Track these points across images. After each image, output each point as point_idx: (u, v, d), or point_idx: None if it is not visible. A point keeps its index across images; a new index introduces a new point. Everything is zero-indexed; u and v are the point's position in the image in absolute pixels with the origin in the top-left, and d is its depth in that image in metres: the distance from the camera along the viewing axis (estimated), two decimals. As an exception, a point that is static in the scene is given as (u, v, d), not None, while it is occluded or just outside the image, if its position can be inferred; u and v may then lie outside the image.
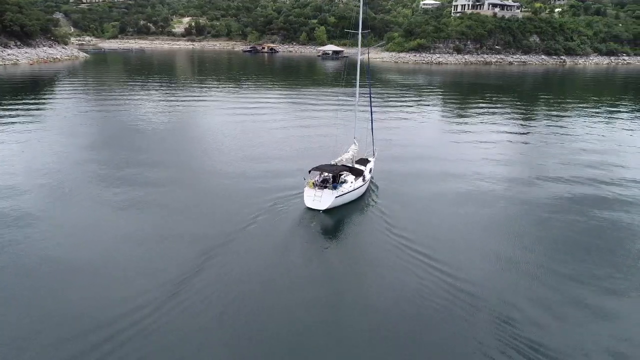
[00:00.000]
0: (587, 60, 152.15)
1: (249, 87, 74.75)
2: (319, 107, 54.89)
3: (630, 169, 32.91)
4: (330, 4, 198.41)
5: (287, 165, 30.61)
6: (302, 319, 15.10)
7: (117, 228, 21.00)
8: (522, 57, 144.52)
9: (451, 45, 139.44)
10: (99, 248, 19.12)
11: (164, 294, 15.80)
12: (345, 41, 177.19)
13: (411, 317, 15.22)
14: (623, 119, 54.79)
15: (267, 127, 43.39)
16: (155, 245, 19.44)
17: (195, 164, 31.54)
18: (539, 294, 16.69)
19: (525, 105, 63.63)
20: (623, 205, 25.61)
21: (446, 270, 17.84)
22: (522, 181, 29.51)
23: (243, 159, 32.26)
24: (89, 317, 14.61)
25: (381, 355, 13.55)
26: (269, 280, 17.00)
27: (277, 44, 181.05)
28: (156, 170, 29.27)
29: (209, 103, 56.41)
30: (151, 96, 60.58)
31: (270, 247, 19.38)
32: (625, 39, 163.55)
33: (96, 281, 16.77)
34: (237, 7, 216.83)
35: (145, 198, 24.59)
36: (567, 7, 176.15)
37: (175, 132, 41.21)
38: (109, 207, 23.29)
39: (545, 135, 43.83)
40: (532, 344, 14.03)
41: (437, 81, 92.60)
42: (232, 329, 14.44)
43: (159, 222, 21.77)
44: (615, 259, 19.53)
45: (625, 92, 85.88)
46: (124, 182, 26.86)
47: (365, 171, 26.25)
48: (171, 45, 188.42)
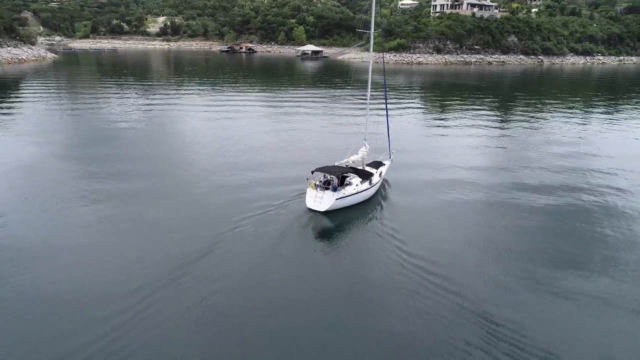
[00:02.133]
0: (564, 60, 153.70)
1: (227, 88, 71.95)
2: (303, 110, 52.74)
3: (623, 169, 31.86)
4: (308, 4, 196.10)
5: (272, 168, 29.44)
6: (285, 319, 15.06)
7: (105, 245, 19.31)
8: (501, 57, 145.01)
9: (431, 45, 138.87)
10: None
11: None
12: (325, 41, 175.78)
13: (401, 319, 15.20)
14: (612, 119, 54.30)
15: (248, 131, 41.35)
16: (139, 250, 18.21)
17: (174, 171, 29.35)
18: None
19: (506, 106, 62.66)
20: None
21: (438, 273, 17.81)
22: (501, 179, 28.01)
23: (228, 165, 30.12)
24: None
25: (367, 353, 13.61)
26: (252, 281, 16.92)
27: (255, 43, 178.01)
28: (128, 179, 27.13)
29: (185, 106, 53.53)
30: (125, 99, 57.19)
31: (259, 247, 19.20)
32: (600, 39, 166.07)
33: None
34: (213, 6, 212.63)
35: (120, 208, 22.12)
36: (543, 8, 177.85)
37: (150, 137, 38.57)
38: (88, 223, 21.26)
39: (520, 136, 42.61)
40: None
41: (418, 82, 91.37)
42: (211, 327, 14.39)
43: (136, 235, 20.54)
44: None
45: (600, 91, 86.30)
46: (110, 184, 24.31)
47: (374, 174, 25.51)
48: (146, 46, 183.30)
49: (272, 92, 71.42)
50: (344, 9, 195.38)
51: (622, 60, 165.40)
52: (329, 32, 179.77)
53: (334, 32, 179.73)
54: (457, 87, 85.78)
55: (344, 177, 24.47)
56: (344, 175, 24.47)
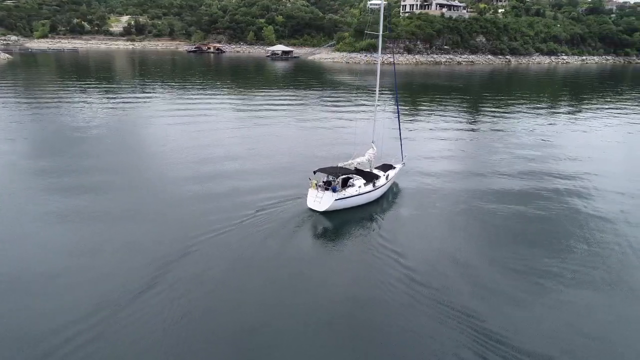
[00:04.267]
0: (530, 59, 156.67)
1: (195, 91, 68.98)
2: (275, 113, 50.70)
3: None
4: (277, 3, 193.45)
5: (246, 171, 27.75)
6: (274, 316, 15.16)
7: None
8: (470, 57, 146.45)
9: (402, 46, 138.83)
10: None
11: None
12: (295, 40, 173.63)
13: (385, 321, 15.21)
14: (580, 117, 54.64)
15: (219, 136, 39.62)
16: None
17: (145, 181, 27.41)
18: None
19: (476, 106, 62.38)
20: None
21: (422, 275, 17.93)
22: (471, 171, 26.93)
23: (201, 172, 27.88)
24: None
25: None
26: (234, 279, 17.13)
27: (224, 43, 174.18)
28: (94, 190, 24.53)
29: (152, 111, 50.65)
30: (87, 102, 53.61)
31: (248, 244, 19.39)
32: (564, 39, 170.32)
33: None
34: (179, 5, 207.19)
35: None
36: (509, 8, 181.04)
37: (114, 144, 36.09)
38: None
39: (489, 135, 41.98)
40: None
41: (389, 82, 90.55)
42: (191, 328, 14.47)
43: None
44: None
45: (565, 89, 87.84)
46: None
47: (380, 177, 25.33)
48: (109, 46, 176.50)
49: (243, 95, 69.04)
50: (313, 9, 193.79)
51: (585, 60, 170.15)
52: (299, 32, 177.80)
53: (304, 32, 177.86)
54: (429, 87, 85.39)
55: (348, 179, 24.42)
56: (348, 177, 24.43)
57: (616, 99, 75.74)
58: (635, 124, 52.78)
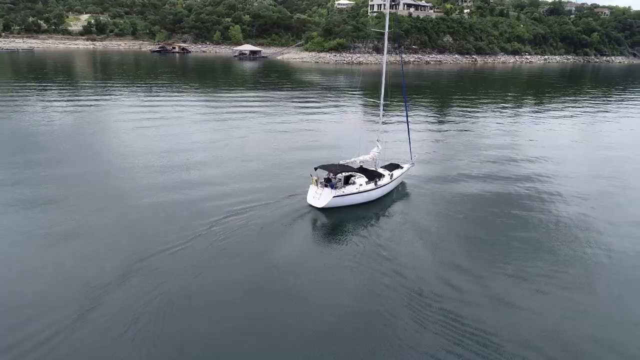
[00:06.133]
0: (495, 59, 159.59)
1: (161, 92, 65.99)
2: (245, 115, 48.69)
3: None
4: (244, 2, 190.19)
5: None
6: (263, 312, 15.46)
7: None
8: (438, 57, 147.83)
9: (370, 45, 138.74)
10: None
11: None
12: (262, 40, 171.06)
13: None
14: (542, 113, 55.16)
15: (185, 139, 37.57)
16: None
17: (102, 182, 25.43)
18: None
19: (443, 104, 62.24)
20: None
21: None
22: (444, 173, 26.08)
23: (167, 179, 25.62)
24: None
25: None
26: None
27: (189, 43, 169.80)
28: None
29: (113, 114, 47.71)
30: (42, 105, 50.20)
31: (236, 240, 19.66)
32: (527, 39, 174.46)
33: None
34: (142, 3, 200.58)
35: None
36: (474, 8, 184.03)
37: (70, 146, 33.60)
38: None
39: (457, 134, 41.62)
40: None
41: (359, 82, 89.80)
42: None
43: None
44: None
45: (529, 88, 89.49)
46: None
47: (384, 176, 25.34)
48: (67, 45, 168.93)
49: (210, 96, 66.56)
50: (280, 8, 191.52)
51: (547, 59, 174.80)
52: (267, 32, 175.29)
53: (271, 31, 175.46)
54: (399, 86, 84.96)
55: (350, 176, 24.56)
56: (351, 175, 24.59)
57: (578, 97, 77.46)
58: (596, 121, 54.02)
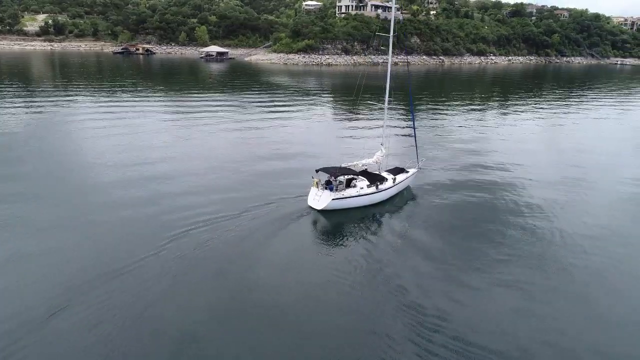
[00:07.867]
0: (462, 60, 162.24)
1: (124, 95, 63.09)
2: (212, 120, 46.84)
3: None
4: (210, 3, 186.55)
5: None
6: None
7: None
8: (407, 58, 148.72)
9: (339, 46, 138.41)
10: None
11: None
12: (229, 41, 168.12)
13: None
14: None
15: (155, 144, 35.94)
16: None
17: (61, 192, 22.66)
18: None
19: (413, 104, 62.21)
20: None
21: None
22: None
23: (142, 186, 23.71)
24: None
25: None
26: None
27: (154, 44, 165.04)
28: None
29: (72, 118, 44.97)
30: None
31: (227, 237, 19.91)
32: (491, 40, 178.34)
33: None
34: (104, 3, 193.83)
35: None
36: (440, 10, 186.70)
37: (26, 150, 30.73)
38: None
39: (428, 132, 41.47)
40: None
41: (329, 84, 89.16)
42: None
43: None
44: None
45: (495, 87, 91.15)
46: None
47: (387, 180, 25.21)
48: (23, 47, 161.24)
49: (176, 99, 64.15)
50: (247, 9, 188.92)
51: (511, 60, 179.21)
52: (234, 33, 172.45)
53: (238, 32, 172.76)
54: (369, 87, 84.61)
55: (352, 179, 24.54)
56: (353, 177, 24.59)
57: (539, 95, 79.25)
58: (557, 117, 55.62)
